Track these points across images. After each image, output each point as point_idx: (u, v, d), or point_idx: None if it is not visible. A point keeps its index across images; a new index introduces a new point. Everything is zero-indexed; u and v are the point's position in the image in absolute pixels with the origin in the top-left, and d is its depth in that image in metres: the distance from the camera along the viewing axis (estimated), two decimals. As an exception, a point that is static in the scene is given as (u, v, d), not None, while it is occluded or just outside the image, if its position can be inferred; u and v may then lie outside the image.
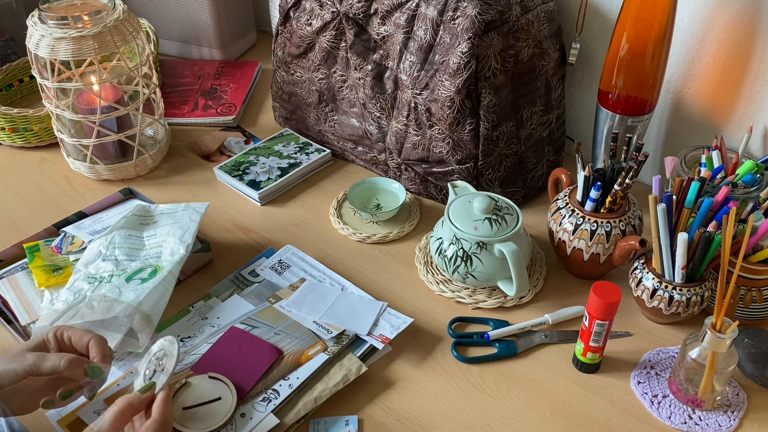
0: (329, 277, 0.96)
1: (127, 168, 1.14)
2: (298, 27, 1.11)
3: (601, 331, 0.80)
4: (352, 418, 0.79)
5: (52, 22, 1.00)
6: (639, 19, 0.93)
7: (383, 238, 1.03)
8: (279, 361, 0.82)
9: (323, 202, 1.11)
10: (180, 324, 0.88)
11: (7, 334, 0.89)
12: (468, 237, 0.90)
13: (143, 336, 0.83)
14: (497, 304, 0.93)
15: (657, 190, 0.85)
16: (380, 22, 1.03)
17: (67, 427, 0.76)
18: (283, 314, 0.89)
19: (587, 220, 0.90)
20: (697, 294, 0.85)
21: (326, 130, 1.18)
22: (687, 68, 1.02)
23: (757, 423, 0.80)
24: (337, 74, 1.11)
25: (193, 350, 0.84)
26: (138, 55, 1.08)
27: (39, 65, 1.04)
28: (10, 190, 1.14)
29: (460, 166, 1.03)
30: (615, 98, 1.00)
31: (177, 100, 1.32)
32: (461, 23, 0.94)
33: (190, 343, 0.85)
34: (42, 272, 0.92)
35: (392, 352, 0.87)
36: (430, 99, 1.00)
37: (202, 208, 0.99)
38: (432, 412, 0.81)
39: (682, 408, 0.81)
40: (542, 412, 0.81)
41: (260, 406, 0.77)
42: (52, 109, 1.09)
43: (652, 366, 0.86)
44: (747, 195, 0.91)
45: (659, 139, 1.11)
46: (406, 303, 0.94)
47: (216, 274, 0.98)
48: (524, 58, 1.00)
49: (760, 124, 1.00)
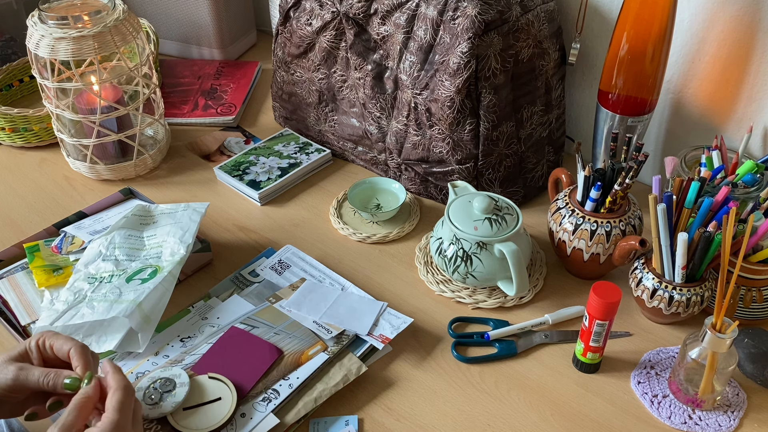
0: (329, 277, 0.96)
1: (127, 168, 1.14)
2: (298, 27, 1.11)
3: (601, 331, 0.80)
4: (352, 418, 0.79)
5: (52, 22, 1.00)
6: (639, 19, 0.93)
7: (383, 238, 1.03)
8: (279, 360, 0.82)
9: (323, 202, 1.11)
10: (180, 324, 0.88)
11: (7, 334, 0.89)
12: (468, 237, 0.90)
13: (143, 336, 0.83)
14: (497, 304, 0.93)
15: (657, 190, 0.85)
16: (380, 22, 1.03)
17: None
18: (283, 314, 0.89)
19: (587, 220, 0.90)
20: (697, 294, 0.85)
21: (326, 130, 1.18)
22: (687, 68, 1.02)
23: (757, 423, 0.80)
24: (337, 74, 1.11)
25: (193, 350, 0.84)
26: (138, 55, 1.08)
27: (39, 65, 1.04)
28: (10, 190, 1.14)
29: (460, 166, 1.03)
30: (615, 98, 1.00)
31: (177, 100, 1.32)
32: (461, 23, 0.94)
33: (190, 343, 0.85)
34: (42, 272, 0.92)
35: (392, 352, 0.87)
36: (430, 99, 1.00)
37: (202, 208, 0.99)
38: (432, 412, 0.81)
39: (682, 408, 0.81)
40: (542, 412, 0.81)
41: (260, 406, 0.77)
42: (52, 109, 1.09)
43: (652, 366, 0.86)
44: (747, 195, 0.91)
45: (659, 139, 1.12)
46: (406, 303, 0.94)
47: (216, 274, 0.98)
48: (524, 58, 1.00)
49: (760, 124, 1.00)
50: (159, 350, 0.85)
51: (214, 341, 0.84)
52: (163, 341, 0.86)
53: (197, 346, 0.84)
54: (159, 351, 0.85)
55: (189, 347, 0.85)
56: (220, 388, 0.78)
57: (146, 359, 0.83)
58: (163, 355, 0.84)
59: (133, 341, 0.84)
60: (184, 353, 0.84)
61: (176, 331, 0.87)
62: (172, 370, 0.79)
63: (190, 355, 0.83)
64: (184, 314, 0.90)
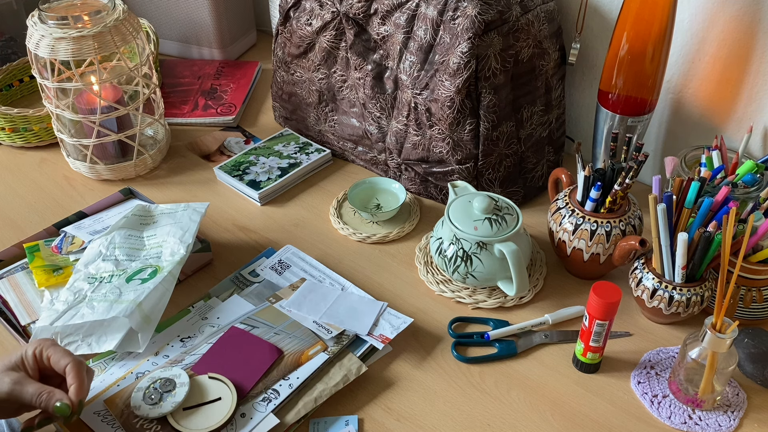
0: (329, 277, 0.96)
1: (127, 168, 1.14)
2: (298, 27, 1.11)
3: (601, 331, 0.80)
4: (352, 418, 0.79)
5: (52, 22, 1.00)
6: (639, 19, 0.93)
7: (383, 238, 1.03)
8: (279, 360, 0.82)
9: (323, 202, 1.11)
10: (180, 324, 0.88)
11: (7, 334, 0.89)
12: (468, 237, 0.90)
13: (143, 336, 0.83)
14: (497, 304, 0.93)
15: (657, 190, 0.85)
16: (380, 22, 1.03)
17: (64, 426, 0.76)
18: (283, 314, 0.89)
19: (587, 220, 0.90)
20: (697, 294, 0.85)
21: (326, 130, 1.18)
22: (687, 68, 1.02)
23: (757, 423, 0.80)
24: (337, 74, 1.11)
25: (193, 350, 0.84)
26: (138, 55, 1.08)
27: (39, 65, 1.04)
28: (10, 190, 1.14)
29: (460, 166, 1.03)
30: (615, 98, 1.00)
31: (177, 100, 1.32)
32: (461, 23, 0.94)
33: (190, 343, 0.85)
34: (42, 272, 0.92)
35: (392, 352, 0.87)
36: (430, 99, 1.00)
37: (202, 208, 0.99)
38: (432, 412, 0.81)
39: (682, 408, 0.81)
40: (542, 412, 0.81)
41: (260, 406, 0.77)
42: (52, 109, 1.09)
43: (652, 366, 0.86)
44: (747, 195, 0.91)
45: (659, 139, 1.11)
46: (406, 303, 0.94)
47: (216, 274, 0.98)
48: (524, 58, 1.00)
49: (760, 124, 1.00)
50: (159, 350, 0.85)
51: (214, 341, 0.84)
52: (163, 341, 0.86)
53: (197, 346, 0.84)
54: (159, 351, 0.85)
55: (189, 347, 0.85)
56: (219, 388, 0.78)
57: (146, 359, 0.83)
58: (163, 355, 0.84)
59: (133, 341, 0.84)
60: (184, 353, 0.84)
61: (176, 331, 0.87)
62: (172, 370, 0.79)
63: (190, 355, 0.83)
64: (184, 314, 0.90)
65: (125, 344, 0.84)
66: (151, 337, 0.84)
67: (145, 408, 0.75)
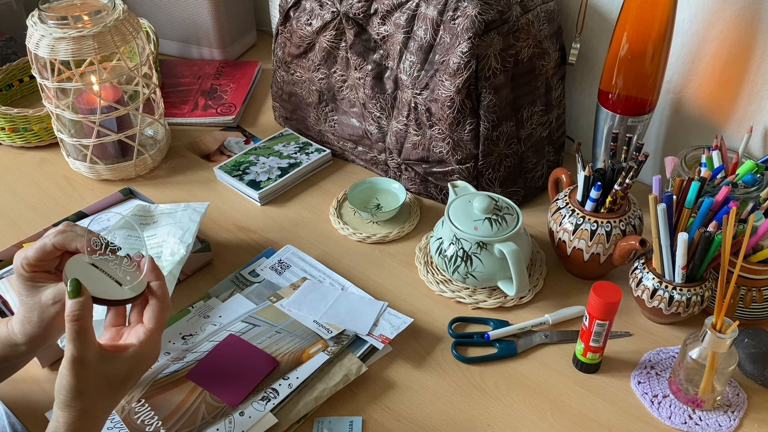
0: (329, 277, 0.96)
1: (127, 168, 1.14)
2: (298, 27, 1.11)
3: (601, 331, 0.80)
4: (356, 419, 0.79)
5: (52, 22, 1.00)
6: (639, 19, 0.93)
7: (383, 238, 1.03)
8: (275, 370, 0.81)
9: (323, 202, 1.11)
10: (180, 324, 0.88)
11: (7, 334, 0.89)
12: (468, 237, 0.90)
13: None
14: (497, 304, 0.93)
15: (657, 190, 0.85)
16: (380, 22, 1.03)
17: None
18: (284, 313, 0.89)
19: (587, 220, 0.90)
20: (697, 294, 0.85)
21: (326, 130, 1.18)
22: (687, 68, 1.02)
23: (757, 423, 0.80)
24: (337, 74, 1.11)
25: (194, 348, 0.84)
26: (138, 55, 1.08)
27: (39, 65, 1.04)
28: (10, 190, 1.14)
29: (460, 166, 1.03)
30: (615, 98, 1.00)
31: (177, 100, 1.32)
32: (461, 23, 0.94)
33: (192, 341, 0.85)
34: (42, 272, 0.92)
35: (392, 352, 0.87)
36: (430, 99, 1.00)
37: (202, 208, 0.99)
38: (432, 412, 0.81)
39: (682, 408, 0.81)
40: (542, 412, 0.81)
41: (259, 405, 0.77)
42: (52, 109, 1.09)
43: (652, 366, 0.86)
44: (747, 195, 0.91)
45: (659, 139, 1.12)
46: (406, 303, 0.94)
47: (216, 274, 0.98)
48: (524, 58, 1.00)
49: (760, 124, 1.00)
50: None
51: (216, 339, 0.84)
52: (163, 341, 0.86)
53: (199, 344, 0.84)
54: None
55: (190, 344, 0.85)
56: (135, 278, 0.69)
57: (146, 359, 0.83)
58: (164, 353, 0.84)
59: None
60: (186, 351, 0.84)
61: (176, 331, 0.87)
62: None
63: (191, 353, 0.83)
64: (184, 314, 0.90)
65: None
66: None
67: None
